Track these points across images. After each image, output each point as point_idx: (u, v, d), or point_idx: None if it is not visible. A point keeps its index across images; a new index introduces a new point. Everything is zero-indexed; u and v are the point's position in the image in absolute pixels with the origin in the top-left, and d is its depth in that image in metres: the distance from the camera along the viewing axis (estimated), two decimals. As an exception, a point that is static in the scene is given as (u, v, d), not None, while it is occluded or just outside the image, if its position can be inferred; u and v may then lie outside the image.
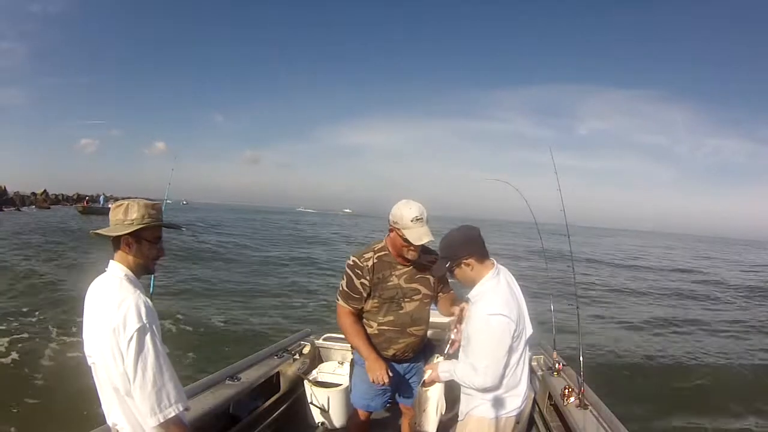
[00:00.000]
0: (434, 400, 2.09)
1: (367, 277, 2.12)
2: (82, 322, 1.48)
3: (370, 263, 2.13)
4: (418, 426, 2.13)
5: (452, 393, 2.16)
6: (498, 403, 1.84)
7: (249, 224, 38.24)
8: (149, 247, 1.51)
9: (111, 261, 1.49)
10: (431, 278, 2.22)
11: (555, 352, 3.05)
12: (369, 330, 2.21)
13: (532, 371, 2.99)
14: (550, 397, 2.77)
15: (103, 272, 1.50)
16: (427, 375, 2.02)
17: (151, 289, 2.65)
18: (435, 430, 2.13)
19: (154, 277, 2.46)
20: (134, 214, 1.47)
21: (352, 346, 2.26)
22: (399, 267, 2.17)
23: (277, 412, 2.93)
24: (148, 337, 1.36)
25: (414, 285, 2.18)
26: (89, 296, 1.48)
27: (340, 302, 2.19)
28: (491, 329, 1.71)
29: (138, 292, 1.42)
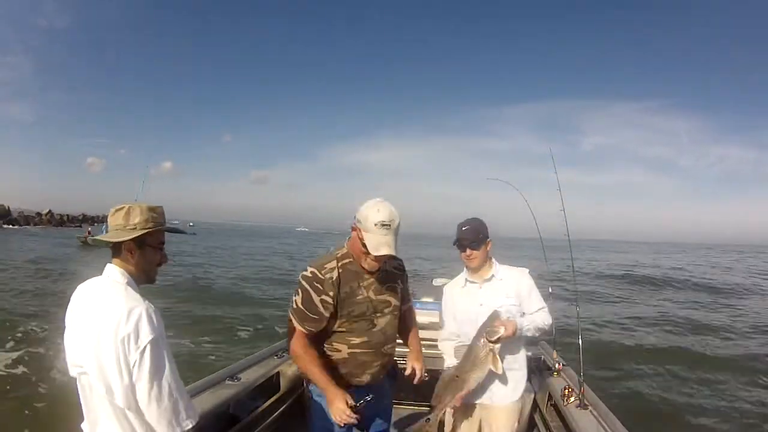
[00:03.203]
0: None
1: (331, 293, 1.75)
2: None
3: (334, 275, 1.76)
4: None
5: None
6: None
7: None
8: (153, 252, 1.43)
9: (109, 264, 1.40)
10: (398, 286, 1.95)
11: (555, 352, 3.05)
12: (337, 355, 1.84)
13: (531, 371, 2.99)
14: (550, 397, 2.77)
15: (94, 275, 1.41)
16: (502, 331, 1.94)
17: None
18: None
19: None
20: (137, 218, 1.39)
21: (306, 378, 1.89)
22: (366, 276, 1.83)
23: (277, 412, 2.93)
24: (162, 350, 1.29)
25: (384, 296, 1.88)
26: (79, 300, 1.38)
27: (295, 323, 1.80)
28: (532, 280, 2.17)
29: (146, 301, 1.33)
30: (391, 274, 1.93)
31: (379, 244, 1.69)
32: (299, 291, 1.78)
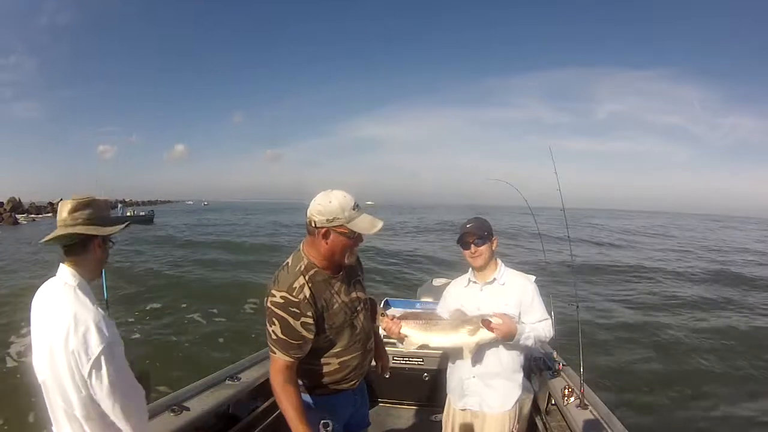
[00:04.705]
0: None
1: (309, 313, 1.64)
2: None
3: (306, 293, 1.64)
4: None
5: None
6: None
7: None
8: (108, 247, 1.42)
9: (62, 265, 1.34)
10: (361, 277, 1.92)
11: (555, 352, 3.05)
12: (327, 368, 1.78)
13: (531, 371, 2.99)
14: (550, 397, 2.77)
15: (49, 277, 1.37)
16: (498, 321, 1.85)
17: (105, 295, 2.19)
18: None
19: (107, 284, 2.14)
20: (107, 209, 1.36)
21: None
22: (334, 282, 1.75)
23: (277, 412, 2.92)
24: (115, 356, 1.29)
25: (354, 294, 1.83)
26: (38, 306, 1.35)
27: (278, 354, 1.65)
28: (537, 288, 2.08)
29: (95, 306, 1.31)
30: (352, 267, 1.85)
31: (369, 223, 1.66)
32: (275, 320, 1.63)
